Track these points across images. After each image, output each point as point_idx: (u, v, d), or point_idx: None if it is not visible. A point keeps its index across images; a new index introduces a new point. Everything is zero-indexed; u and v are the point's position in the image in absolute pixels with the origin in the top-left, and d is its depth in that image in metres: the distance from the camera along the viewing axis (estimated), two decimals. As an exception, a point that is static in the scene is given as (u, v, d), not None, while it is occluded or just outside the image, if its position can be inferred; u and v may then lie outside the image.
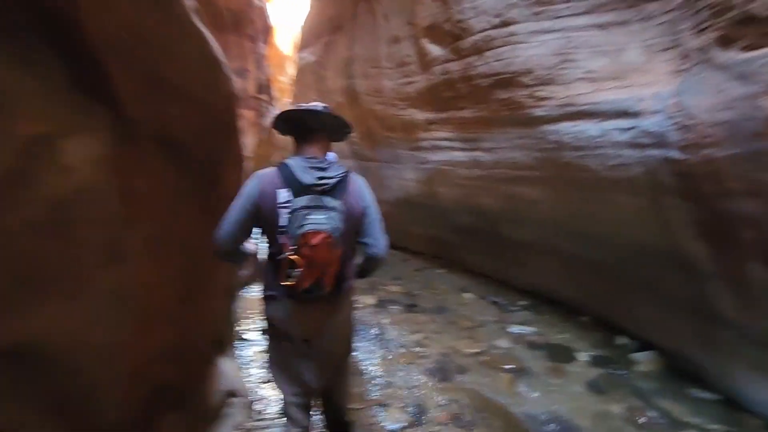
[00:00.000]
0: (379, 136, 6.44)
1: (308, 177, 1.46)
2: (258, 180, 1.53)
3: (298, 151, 1.63)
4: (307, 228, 1.35)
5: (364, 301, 4.64)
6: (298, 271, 1.36)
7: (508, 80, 3.52)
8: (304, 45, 8.94)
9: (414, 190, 5.84)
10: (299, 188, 1.44)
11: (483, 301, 4.63)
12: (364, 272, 1.74)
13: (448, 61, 4.35)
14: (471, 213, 5.01)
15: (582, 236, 3.57)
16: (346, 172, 1.57)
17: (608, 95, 2.77)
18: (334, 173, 1.51)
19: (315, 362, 1.64)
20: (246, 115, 14.60)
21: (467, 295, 4.79)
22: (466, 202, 4.96)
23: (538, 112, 3.31)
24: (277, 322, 1.61)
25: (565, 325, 3.94)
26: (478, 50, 3.81)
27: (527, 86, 3.35)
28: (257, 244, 1.83)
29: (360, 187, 1.62)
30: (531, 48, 3.28)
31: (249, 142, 14.64)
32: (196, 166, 1.89)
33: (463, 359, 3.42)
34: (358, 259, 1.71)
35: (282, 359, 1.69)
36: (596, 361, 3.32)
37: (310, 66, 8.29)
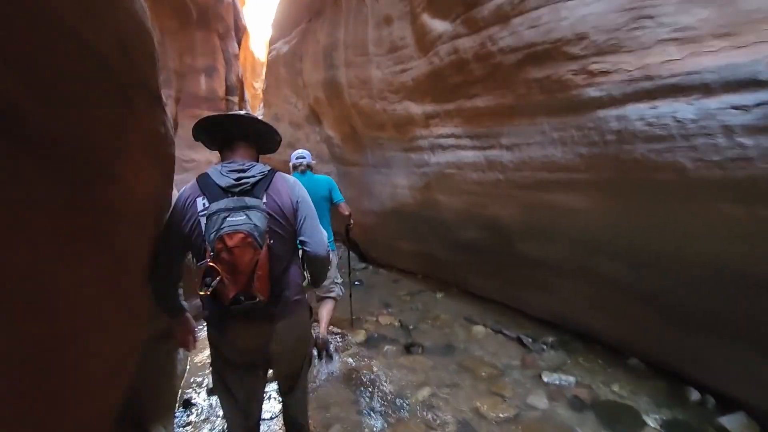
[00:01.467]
0: (365, 136, 5.51)
1: (225, 179, 1.40)
2: (178, 197, 1.45)
3: (221, 161, 1.54)
4: (223, 231, 1.26)
5: (349, 338, 3.65)
6: (216, 280, 1.25)
7: (547, 53, 2.67)
8: (276, 36, 7.96)
9: (407, 198, 4.92)
10: (217, 192, 1.37)
11: (499, 337, 3.71)
12: (312, 277, 1.64)
13: (457, 37, 3.49)
14: (479, 226, 4.13)
15: (637, 258, 2.73)
16: (271, 170, 1.50)
17: (714, 60, 1.93)
18: (254, 172, 1.44)
19: (259, 388, 1.59)
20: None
21: (477, 329, 3.87)
22: (473, 212, 4.07)
23: (592, 92, 2.47)
24: (216, 343, 1.50)
25: (613, 371, 3.06)
26: (502, 17, 2.96)
27: (576, 58, 2.51)
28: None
29: (289, 185, 1.54)
30: (583, 6, 2.45)
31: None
32: (57, 159, 0.91)
33: (491, 428, 2.49)
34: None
35: (224, 386, 1.54)
36: (672, 429, 2.45)
37: (284, 58, 7.30)
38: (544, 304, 3.85)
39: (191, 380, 3.03)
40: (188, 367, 3.08)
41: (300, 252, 1.64)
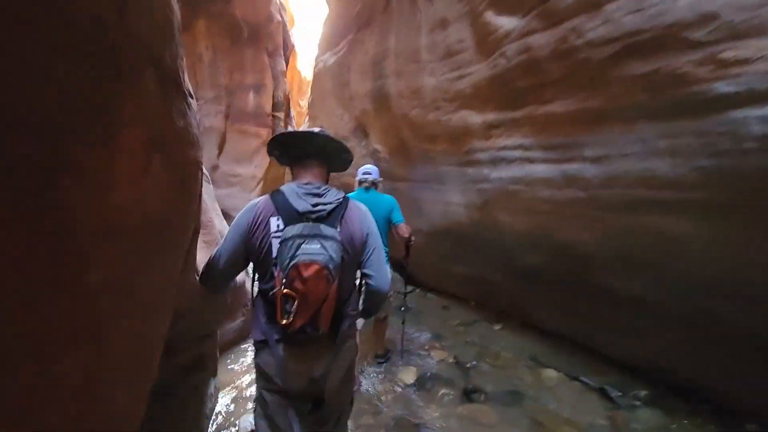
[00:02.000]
0: (415, 149, 5.11)
1: (302, 203, 1.37)
2: (249, 209, 1.42)
3: (293, 178, 1.54)
4: (299, 259, 1.22)
5: (400, 378, 3.18)
6: (295, 306, 1.22)
7: (655, 42, 2.16)
8: (323, 49, 7.82)
9: (461, 217, 4.44)
10: (293, 216, 1.34)
11: (575, 385, 3.10)
12: (366, 310, 1.55)
13: (529, 33, 3.03)
14: (548, 251, 3.58)
15: (762, 300, 2.12)
16: (345, 198, 1.47)
17: None
18: (331, 199, 1.41)
19: (309, 419, 1.42)
20: (260, 133, 13.68)
21: (548, 373, 3.28)
22: (542, 234, 3.53)
23: (723, 87, 1.93)
24: (268, 370, 1.39)
25: (733, 443, 2.41)
26: (591, 5, 2.48)
27: (700, 45, 1.98)
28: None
29: (360, 214, 1.49)
30: (709, -20, 1.94)
31: (262, 162, 13.65)
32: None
33: None
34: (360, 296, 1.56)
35: (270, 415, 1.41)
36: None
37: (330, 70, 7.10)
38: (632, 347, 3.21)
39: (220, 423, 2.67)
40: (218, 408, 2.72)
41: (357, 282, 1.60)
